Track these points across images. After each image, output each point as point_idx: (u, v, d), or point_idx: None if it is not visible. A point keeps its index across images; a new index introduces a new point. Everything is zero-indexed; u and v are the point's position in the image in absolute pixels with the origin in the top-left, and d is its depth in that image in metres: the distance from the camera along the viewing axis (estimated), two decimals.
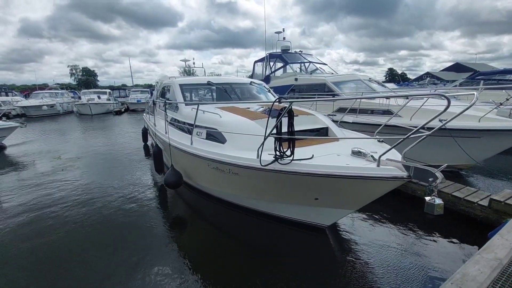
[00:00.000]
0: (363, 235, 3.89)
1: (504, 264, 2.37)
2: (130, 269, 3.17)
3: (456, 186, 4.51)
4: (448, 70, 53.09)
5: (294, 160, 2.92)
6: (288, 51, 11.76)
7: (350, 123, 6.40)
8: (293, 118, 2.95)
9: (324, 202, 3.38)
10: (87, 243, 3.75)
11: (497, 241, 2.69)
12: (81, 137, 12.44)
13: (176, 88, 5.98)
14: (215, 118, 4.30)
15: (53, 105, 22.24)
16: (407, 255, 3.40)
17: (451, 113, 2.21)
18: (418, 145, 2.37)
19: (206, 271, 3.18)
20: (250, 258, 3.49)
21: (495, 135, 5.14)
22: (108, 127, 15.46)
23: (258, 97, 6.25)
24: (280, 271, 3.17)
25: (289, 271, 3.19)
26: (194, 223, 4.55)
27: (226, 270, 3.23)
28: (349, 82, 8.52)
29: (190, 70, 13.27)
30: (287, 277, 3.07)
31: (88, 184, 5.93)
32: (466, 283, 2.13)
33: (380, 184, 2.71)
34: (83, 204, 4.91)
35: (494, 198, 3.86)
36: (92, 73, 62.37)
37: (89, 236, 3.91)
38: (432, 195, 2.29)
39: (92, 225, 4.19)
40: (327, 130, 4.37)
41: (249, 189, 3.99)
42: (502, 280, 2.19)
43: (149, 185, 5.90)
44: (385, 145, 3.47)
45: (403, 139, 2.41)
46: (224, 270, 3.23)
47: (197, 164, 4.29)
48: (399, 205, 4.68)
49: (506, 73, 10.95)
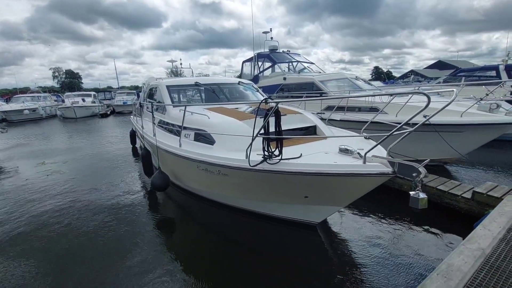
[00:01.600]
0: (352, 230, 3.95)
1: (487, 253, 2.46)
2: (120, 273, 3.11)
3: (441, 180, 4.64)
4: (431, 68, 54.54)
5: (283, 160, 2.93)
6: (276, 51, 11.82)
7: (338, 121, 6.50)
8: (280, 118, 2.96)
9: (313, 199, 3.41)
10: (76, 248, 3.65)
11: (480, 231, 2.78)
12: (66, 141, 12.09)
13: (163, 90, 5.90)
14: (203, 120, 4.27)
15: (35, 109, 21.53)
16: (395, 248, 3.47)
17: (434, 109, 2.28)
18: (403, 140, 2.43)
19: (197, 271, 3.15)
20: (242, 257, 3.48)
21: (477, 129, 5.33)
22: (94, 130, 15.09)
23: (247, 97, 6.24)
24: (272, 269, 3.18)
25: (281, 268, 3.20)
26: (184, 224, 4.51)
27: (217, 270, 3.22)
28: (336, 80, 8.64)
29: (178, 71, 13.13)
30: (279, 274, 3.08)
31: (74, 189, 5.77)
32: (451, 273, 2.19)
33: (366, 181, 2.76)
34: (69, 210, 4.77)
35: (477, 190, 3.99)
36: (76, 75, 60.80)
37: (77, 241, 3.81)
38: (416, 190, 2.35)
39: (78, 231, 4.08)
40: (315, 128, 4.41)
41: (239, 189, 3.98)
42: (486, 269, 2.27)
43: (138, 188, 5.80)
44: (372, 142, 3.54)
45: (387, 136, 2.47)
46: (215, 270, 3.21)
47: (186, 166, 4.25)
48: (387, 200, 4.78)
49: (486, 69, 11.36)
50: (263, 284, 2.99)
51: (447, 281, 2.11)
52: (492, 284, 2.12)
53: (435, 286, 2.07)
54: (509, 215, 3.09)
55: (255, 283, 3.00)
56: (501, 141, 7.73)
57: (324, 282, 2.97)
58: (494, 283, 2.12)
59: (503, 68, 10.37)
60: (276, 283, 2.97)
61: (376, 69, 75.27)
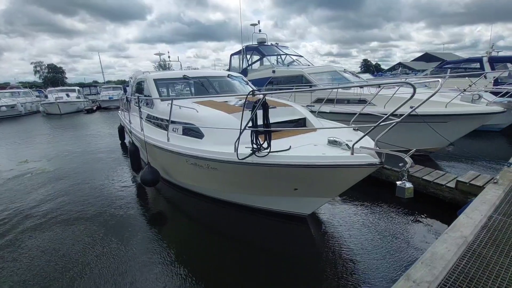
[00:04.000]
0: (342, 220, 4.01)
1: (469, 241, 2.54)
2: (114, 270, 3.06)
3: (426, 170, 4.75)
4: (418, 60, 55.38)
5: (272, 152, 2.92)
6: (264, 44, 11.69)
7: (328, 113, 6.53)
8: (268, 111, 2.94)
9: (303, 192, 3.43)
10: (66, 247, 3.56)
11: (462, 220, 2.87)
12: (50, 138, 11.70)
13: (151, 83, 5.76)
14: (191, 113, 4.20)
15: (14, 105, 20.61)
16: (383, 237, 3.55)
17: (420, 100, 2.30)
18: (391, 131, 2.45)
19: (187, 265, 3.14)
20: (232, 250, 3.48)
21: (460, 119, 5.48)
22: (80, 126, 14.67)
23: (237, 90, 6.16)
24: (263, 261, 3.21)
25: (271, 260, 3.22)
26: (175, 219, 4.47)
27: (206, 263, 3.22)
28: (325, 73, 8.65)
29: (166, 64, 12.84)
30: (269, 266, 3.10)
31: (60, 187, 5.62)
32: (435, 261, 2.26)
33: (354, 172, 2.79)
34: (56, 210, 4.65)
35: (460, 180, 4.11)
36: (59, 70, 58.52)
37: (66, 239, 3.72)
38: (402, 180, 2.39)
39: (66, 230, 3.98)
40: (305, 120, 4.41)
41: (228, 183, 3.96)
42: (468, 256, 2.35)
43: (127, 184, 5.69)
44: (360, 133, 3.57)
45: (374, 127, 2.49)
46: (204, 263, 3.22)
47: (175, 160, 4.19)
48: (375, 191, 4.87)
49: (470, 61, 11.67)
50: (253, 276, 3.02)
51: (431, 269, 2.17)
52: (474, 270, 2.19)
53: (420, 274, 2.12)
54: (490, 203, 3.19)
55: (245, 275, 3.02)
56: (481, 132, 7.99)
57: (314, 274, 3.02)
58: (475, 269, 2.20)
59: (486, 60, 10.67)
60: (266, 275, 2.99)
61: (365, 61, 75.93)
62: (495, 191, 3.46)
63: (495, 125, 8.43)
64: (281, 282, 2.89)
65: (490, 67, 10.36)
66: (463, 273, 2.15)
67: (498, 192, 3.44)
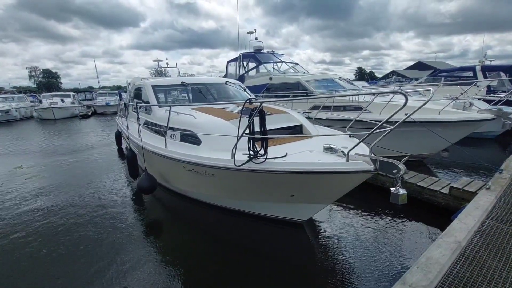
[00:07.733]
0: (338, 227, 4.04)
1: (463, 246, 2.59)
2: (110, 276, 3.03)
3: (420, 177, 4.83)
4: (411, 68, 56.40)
5: (268, 159, 2.96)
6: (261, 51, 11.85)
7: (324, 120, 6.62)
8: (265, 118, 2.99)
9: (299, 198, 3.46)
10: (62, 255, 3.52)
11: (456, 225, 2.92)
12: (45, 143, 11.58)
13: (149, 90, 5.79)
14: (189, 120, 4.23)
15: (8, 110, 20.40)
16: (378, 242, 3.59)
17: (414, 108, 2.37)
18: (385, 138, 2.51)
19: (185, 271, 3.13)
20: (230, 257, 3.47)
21: (453, 126, 5.60)
22: (75, 132, 14.55)
23: (235, 97, 6.20)
24: (260, 267, 3.21)
25: (268, 266, 3.23)
26: (172, 226, 4.45)
27: (204, 269, 3.20)
28: (321, 80, 8.80)
29: (162, 71, 12.89)
30: (267, 272, 3.11)
31: (56, 194, 5.55)
32: (430, 266, 2.30)
33: (350, 178, 2.84)
34: (52, 218, 4.59)
35: (454, 186, 4.19)
36: (55, 75, 58.28)
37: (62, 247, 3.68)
38: (396, 186, 2.44)
39: (63, 238, 3.94)
40: (301, 127, 4.47)
41: (226, 189, 3.98)
42: (462, 261, 2.39)
43: (124, 191, 5.65)
44: (356, 140, 3.64)
45: (368, 134, 2.55)
46: (202, 269, 3.20)
47: (173, 167, 4.20)
48: (371, 198, 4.92)
49: (463, 70, 11.95)
50: (250, 282, 3.01)
51: (426, 273, 2.21)
52: (468, 274, 2.23)
53: (415, 279, 2.16)
54: (483, 208, 3.26)
55: (242, 281, 3.01)
56: (476, 139, 8.15)
57: (311, 279, 3.03)
58: (469, 274, 2.24)
59: (479, 69, 10.94)
60: (264, 281, 2.99)
61: (360, 69, 77.12)
62: (488, 197, 3.53)
63: (490, 132, 8.60)
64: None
65: (483, 76, 10.61)
66: (457, 278, 2.19)
67: (490, 198, 3.51)
